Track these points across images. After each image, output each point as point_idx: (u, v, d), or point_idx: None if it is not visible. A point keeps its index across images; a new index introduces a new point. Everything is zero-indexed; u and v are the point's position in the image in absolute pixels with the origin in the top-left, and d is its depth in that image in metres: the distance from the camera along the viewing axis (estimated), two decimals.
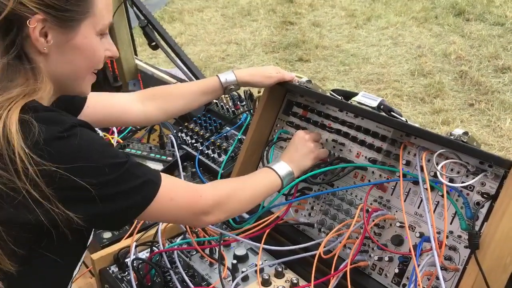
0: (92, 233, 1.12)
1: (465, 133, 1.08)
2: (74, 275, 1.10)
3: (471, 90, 4.48)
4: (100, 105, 1.31)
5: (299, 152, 1.30)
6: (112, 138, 1.93)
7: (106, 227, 1.27)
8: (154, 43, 2.30)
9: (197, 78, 2.24)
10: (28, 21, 0.89)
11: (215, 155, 1.76)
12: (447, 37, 5.42)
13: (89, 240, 1.10)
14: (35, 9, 0.89)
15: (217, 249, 1.29)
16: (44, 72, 0.96)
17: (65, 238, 0.92)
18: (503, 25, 5.49)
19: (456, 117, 4.12)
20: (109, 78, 2.45)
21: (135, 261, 1.25)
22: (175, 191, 1.05)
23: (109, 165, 0.92)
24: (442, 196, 1.11)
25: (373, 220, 1.21)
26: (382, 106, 1.23)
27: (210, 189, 1.13)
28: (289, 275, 1.25)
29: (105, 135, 1.93)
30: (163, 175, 1.03)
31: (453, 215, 1.11)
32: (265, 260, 1.30)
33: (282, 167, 1.26)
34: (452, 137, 1.08)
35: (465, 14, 5.80)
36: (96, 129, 1.76)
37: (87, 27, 0.96)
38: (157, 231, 1.32)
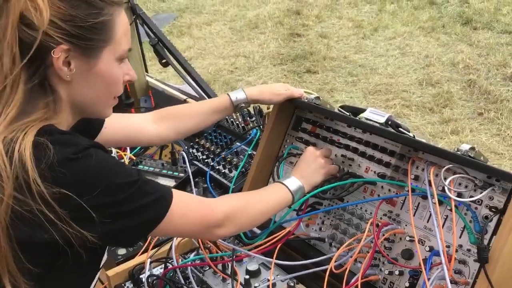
0: (106, 253, 1.15)
1: (472, 148, 1.10)
2: None
3: (480, 99, 4.48)
4: (117, 126, 1.35)
5: (310, 167, 1.33)
6: (125, 154, 1.96)
7: (120, 244, 1.29)
8: (164, 61, 2.34)
9: (206, 93, 2.28)
10: (52, 51, 0.92)
11: (226, 171, 1.78)
12: (455, 46, 5.43)
13: (103, 260, 1.13)
14: (59, 39, 0.91)
15: (229, 265, 1.31)
16: (65, 98, 0.99)
17: (80, 257, 0.94)
18: (511, 33, 5.49)
19: (466, 127, 4.12)
20: (121, 95, 2.49)
21: (149, 278, 1.27)
22: (187, 206, 1.07)
23: (121, 184, 0.94)
24: (451, 210, 1.12)
25: (383, 235, 1.22)
26: (390, 122, 1.26)
27: (221, 203, 1.15)
28: None
29: (117, 152, 1.97)
30: (174, 191, 1.05)
31: (462, 229, 1.12)
32: (277, 275, 1.32)
33: (293, 182, 1.28)
34: (459, 152, 1.10)
35: (472, 23, 5.81)
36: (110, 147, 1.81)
37: (108, 54, 0.99)
38: (171, 247, 1.35)
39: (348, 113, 1.37)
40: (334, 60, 5.55)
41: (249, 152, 1.78)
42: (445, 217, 1.16)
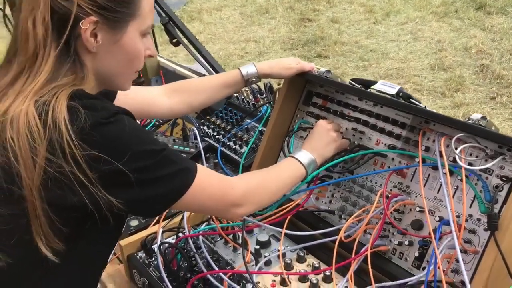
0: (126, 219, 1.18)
1: (483, 118, 1.10)
2: (109, 260, 1.15)
3: (492, 84, 4.44)
4: (129, 97, 1.37)
5: (322, 141, 1.33)
6: None
7: (142, 213, 1.26)
8: (175, 40, 2.35)
9: (217, 73, 2.28)
10: (81, 22, 0.94)
11: (237, 147, 1.79)
12: (468, 31, 5.37)
13: (124, 226, 1.15)
14: (89, 10, 0.94)
15: (240, 235, 1.32)
16: (89, 69, 1.01)
17: (107, 221, 0.96)
18: None
19: (478, 111, 4.09)
20: None
21: (162, 246, 1.29)
22: (209, 181, 1.08)
23: (149, 151, 0.96)
24: (461, 180, 1.13)
25: (393, 206, 1.23)
26: (401, 94, 1.26)
27: (240, 181, 1.16)
28: (311, 259, 1.28)
29: None
30: (198, 165, 1.06)
31: (472, 199, 1.13)
32: (287, 246, 1.33)
33: (306, 157, 1.29)
34: (470, 121, 1.10)
35: (486, 8, 5.73)
36: None
37: (133, 28, 1.01)
38: (182, 218, 1.36)
39: (359, 86, 1.37)
40: (345, 45, 5.51)
41: (260, 129, 1.79)
42: (455, 187, 1.16)
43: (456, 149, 1.11)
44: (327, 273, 1.20)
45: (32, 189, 0.89)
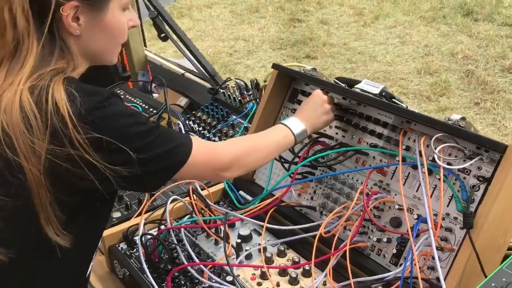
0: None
1: (463, 118, 1.12)
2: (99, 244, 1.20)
3: (477, 89, 4.50)
4: None
5: (316, 111, 1.34)
6: None
7: (144, 187, 1.23)
8: (163, 34, 2.35)
9: (205, 68, 2.29)
10: (61, 9, 0.95)
11: None
12: (455, 37, 5.43)
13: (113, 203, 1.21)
14: None
15: (222, 228, 1.33)
16: (76, 51, 1.02)
17: (108, 200, 1.02)
18: (511, 26, 5.50)
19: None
20: (118, 68, 2.50)
21: (143, 237, 1.30)
22: (203, 152, 1.11)
23: (146, 130, 1.00)
24: (440, 179, 1.15)
25: (373, 203, 1.25)
26: (384, 93, 1.28)
27: (228, 148, 1.19)
28: (291, 254, 1.30)
29: None
30: (192, 138, 1.10)
31: (450, 198, 1.15)
32: (268, 240, 1.34)
33: (297, 126, 1.30)
34: (450, 122, 1.13)
35: (473, 14, 5.81)
36: None
37: (114, 5, 1.03)
38: (165, 210, 1.37)
39: (343, 85, 1.39)
40: (333, 47, 5.54)
41: (245, 125, 1.80)
42: (433, 186, 1.19)
43: (435, 148, 1.13)
44: (307, 267, 1.22)
45: (37, 181, 0.90)
